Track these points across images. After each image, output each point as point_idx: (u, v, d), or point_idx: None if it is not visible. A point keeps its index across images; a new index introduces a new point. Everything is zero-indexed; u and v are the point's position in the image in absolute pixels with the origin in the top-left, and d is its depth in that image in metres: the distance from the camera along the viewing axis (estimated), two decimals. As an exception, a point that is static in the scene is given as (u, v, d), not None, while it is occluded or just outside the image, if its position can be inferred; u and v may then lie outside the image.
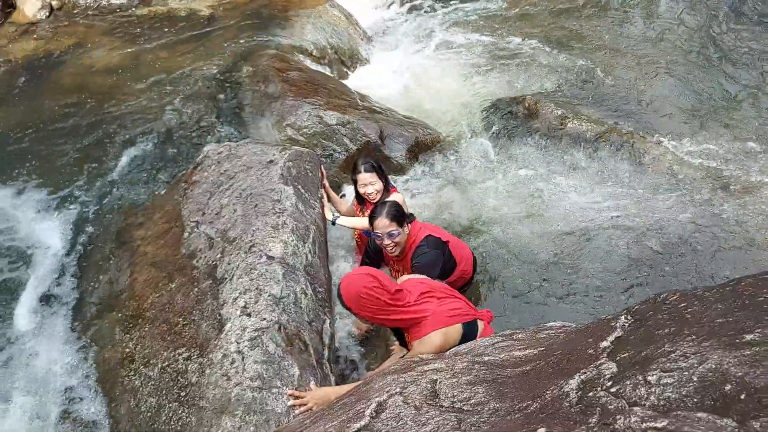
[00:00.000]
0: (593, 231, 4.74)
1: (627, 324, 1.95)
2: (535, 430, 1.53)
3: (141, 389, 3.13)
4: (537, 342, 2.37)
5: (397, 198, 4.02)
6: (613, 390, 1.57)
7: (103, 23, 7.24)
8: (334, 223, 4.00)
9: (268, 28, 6.96)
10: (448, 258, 3.68)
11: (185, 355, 3.08)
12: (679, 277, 4.34)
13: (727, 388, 1.36)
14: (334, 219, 4.00)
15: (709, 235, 4.64)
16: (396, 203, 3.57)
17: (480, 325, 2.99)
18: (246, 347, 2.91)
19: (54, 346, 3.75)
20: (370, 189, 3.98)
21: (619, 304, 4.10)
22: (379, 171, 4.01)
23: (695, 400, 1.38)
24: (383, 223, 3.45)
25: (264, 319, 3.02)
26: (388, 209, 3.46)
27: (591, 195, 5.12)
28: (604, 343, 1.88)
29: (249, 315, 3.04)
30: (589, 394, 1.61)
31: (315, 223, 3.75)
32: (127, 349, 3.37)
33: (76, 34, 7.04)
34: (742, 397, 1.31)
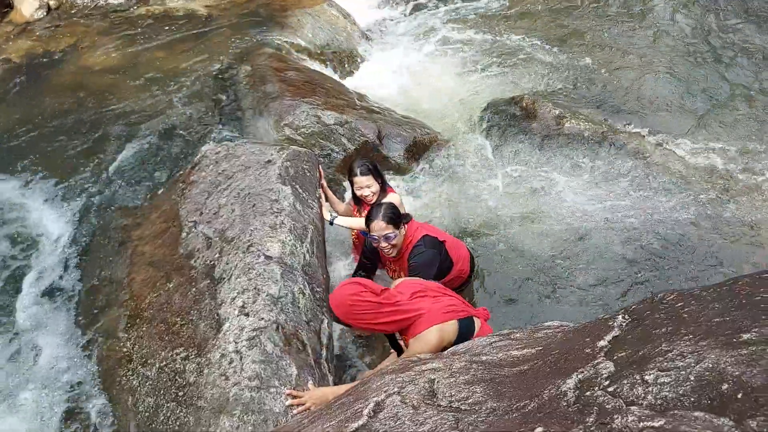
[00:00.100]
0: (591, 230, 4.75)
1: (624, 323, 1.95)
2: (533, 429, 1.53)
3: (139, 389, 3.13)
4: (535, 341, 2.37)
5: (394, 198, 4.02)
6: (610, 389, 1.57)
7: (101, 23, 7.23)
8: (332, 223, 4.00)
9: (265, 28, 6.95)
10: (444, 257, 3.68)
11: (183, 354, 3.08)
12: (677, 276, 4.35)
13: (724, 387, 1.36)
14: (332, 219, 4.00)
15: (706, 235, 4.65)
16: (392, 205, 3.57)
17: (477, 322, 2.99)
18: (244, 347, 2.91)
19: (51, 344, 3.75)
20: (367, 191, 3.98)
21: (616, 304, 4.11)
22: (375, 173, 4.01)
23: (692, 400, 1.38)
24: (379, 225, 3.44)
25: (262, 318, 3.02)
26: (384, 212, 3.45)
27: (589, 195, 5.13)
28: (602, 343, 1.89)
29: (247, 315, 3.04)
30: (587, 394, 1.61)
31: (313, 222, 3.75)
32: (124, 349, 3.37)
33: (74, 33, 7.03)
34: (739, 396, 1.31)
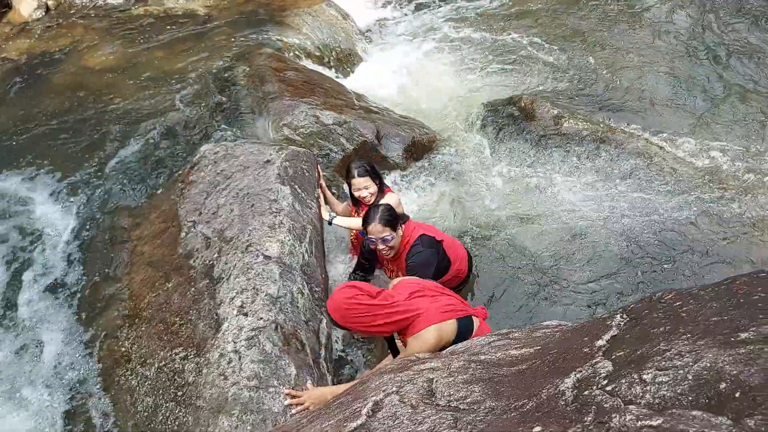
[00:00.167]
0: (589, 230, 4.76)
1: (623, 323, 1.95)
2: (531, 428, 1.54)
3: (138, 389, 3.13)
4: (533, 341, 2.38)
5: (392, 199, 4.02)
6: (608, 388, 1.57)
7: (100, 23, 7.22)
8: (330, 223, 4.01)
9: (264, 28, 6.94)
10: (442, 257, 3.68)
11: (182, 354, 3.08)
12: (675, 275, 4.36)
13: (722, 386, 1.36)
14: (331, 219, 4.00)
15: (704, 234, 4.65)
16: (389, 207, 3.56)
17: (475, 321, 2.99)
18: (243, 347, 2.91)
19: (46, 344, 3.75)
20: (365, 193, 3.99)
21: (614, 303, 4.11)
22: (372, 174, 4.01)
23: (690, 399, 1.39)
24: (376, 228, 3.45)
25: (261, 318, 3.02)
26: (381, 214, 3.45)
27: (587, 194, 5.13)
28: (600, 342, 1.89)
29: (246, 314, 3.04)
30: (585, 393, 1.62)
31: (312, 222, 3.75)
32: (123, 349, 3.37)
33: (72, 33, 7.02)
34: (737, 395, 1.32)
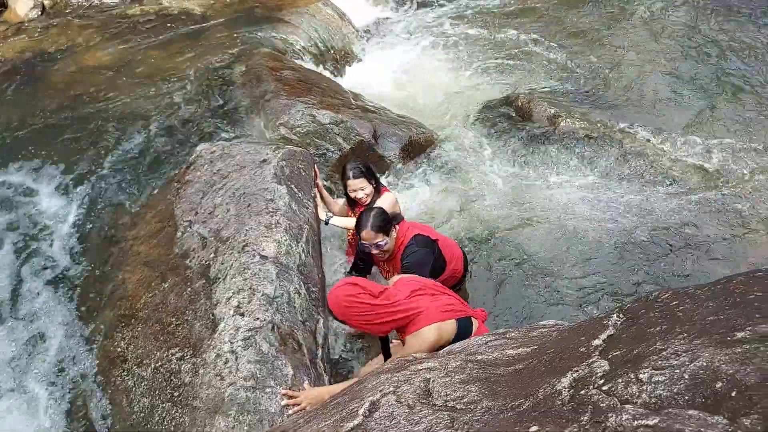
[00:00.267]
0: (586, 229, 4.76)
1: (619, 322, 1.95)
2: (528, 428, 1.54)
3: (134, 389, 3.12)
4: (530, 340, 2.38)
5: (388, 198, 4.01)
6: (605, 388, 1.57)
7: (96, 22, 7.20)
8: (327, 223, 4.00)
9: (260, 27, 6.93)
10: (438, 256, 3.67)
11: (178, 355, 3.07)
12: (671, 275, 4.36)
13: (718, 385, 1.36)
14: (328, 219, 3.99)
15: (701, 234, 4.66)
16: (381, 211, 3.53)
17: (474, 323, 2.99)
18: (239, 347, 2.90)
19: (43, 343, 3.75)
20: (360, 194, 3.98)
21: (611, 303, 4.11)
22: (367, 175, 3.99)
23: (686, 398, 1.39)
24: (369, 235, 3.44)
25: (257, 318, 3.01)
26: (373, 221, 3.43)
27: (584, 194, 5.13)
28: (597, 342, 1.89)
29: (242, 315, 3.04)
30: (581, 392, 1.62)
31: (308, 222, 3.75)
32: (119, 349, 3.36)
33: (68, 33, 7.00)
34: (733, 394, 1.32)
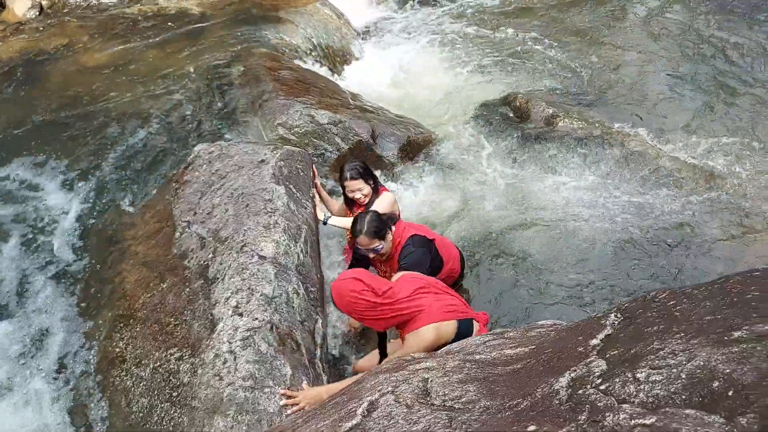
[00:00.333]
0: (584, 229, 4.76)
1: (617, 322, 1.96)
2: (526, 427, 1.54)
3: (133, 389, 3.12)
4: (528, 340, 2.38)
5: (387, 198, 4.01)
6: (602, 387, 1.58)
7: (94, 22, 7.19)
8: (325, 223, 4.00)
9: (258, 27, 6.92)
10: (435, 255, 3.67)
11: (177, 355, 3.07)
12: (669, 274, 4.37)
13: (715, 384, 1.37)
14: (326, 219, 3.99)
15: (698, 233, 4.67)
16: (376, 216, 3.51)
17: (476, 326, 2.99)
18: (238, 347, 2.90)
19: (40, 342, 3.74)
20: (358, 194, 3.98)
21: (609, 302, 4.12)
22: (365, 175, 3.98)
23: (683, 397, 1.39)
24: (365, 241, 3.44)
25: (256, 318, 3.01)
26: (368, 226, 3.41)
27: (582, 194, 5.14)
28: (594, 341, 1.89)
29: (241, 315, 3.04)
30: (579, 392, 1.62)
31: (307, 222, 3.75)
32: (117, 349, 3.36)
33: (66, 33, 6.98)
34: (730, 393, 1.32)
